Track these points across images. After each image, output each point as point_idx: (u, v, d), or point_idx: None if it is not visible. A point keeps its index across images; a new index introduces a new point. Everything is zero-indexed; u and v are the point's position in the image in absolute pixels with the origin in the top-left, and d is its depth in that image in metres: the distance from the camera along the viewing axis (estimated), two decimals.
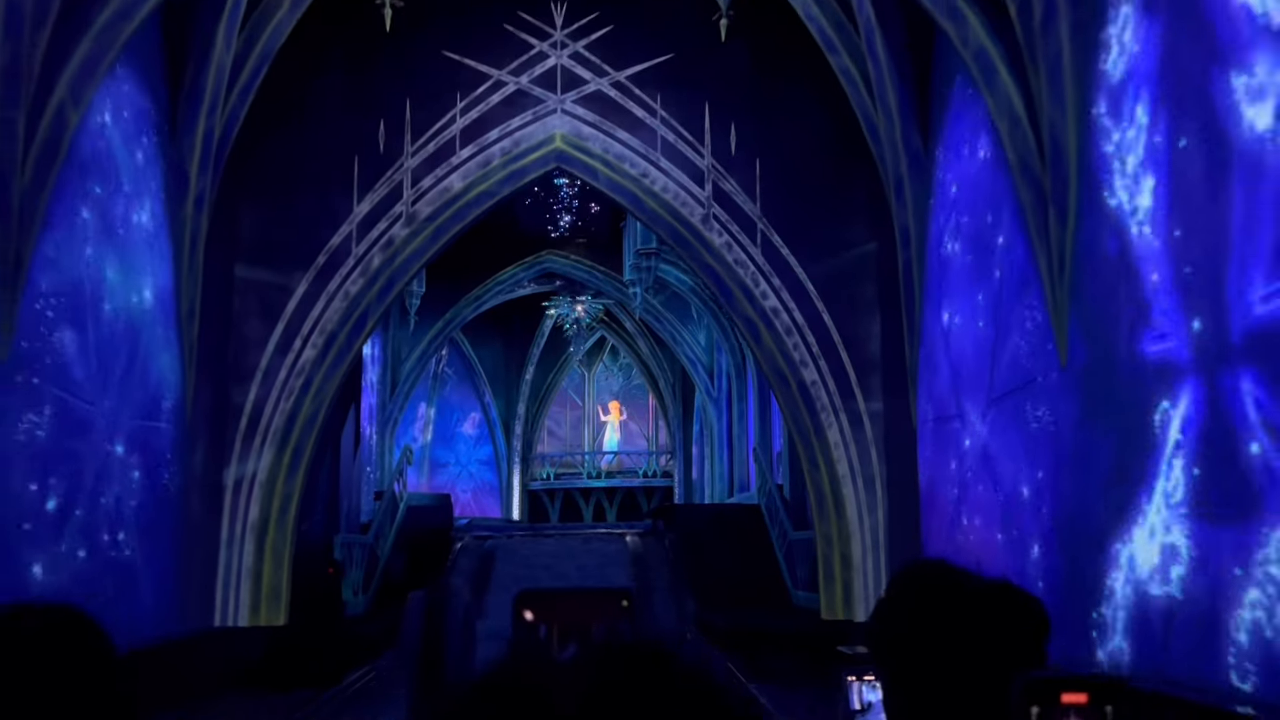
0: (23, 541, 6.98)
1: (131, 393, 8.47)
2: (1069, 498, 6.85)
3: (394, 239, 10.92)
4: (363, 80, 10.97)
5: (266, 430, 10.60)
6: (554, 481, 25.73)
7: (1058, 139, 6.80)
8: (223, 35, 9.05)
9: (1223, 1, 5.08)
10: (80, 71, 7.15)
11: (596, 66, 11.21)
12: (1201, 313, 5.30)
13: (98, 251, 7.90)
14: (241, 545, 10.39)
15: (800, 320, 11.02)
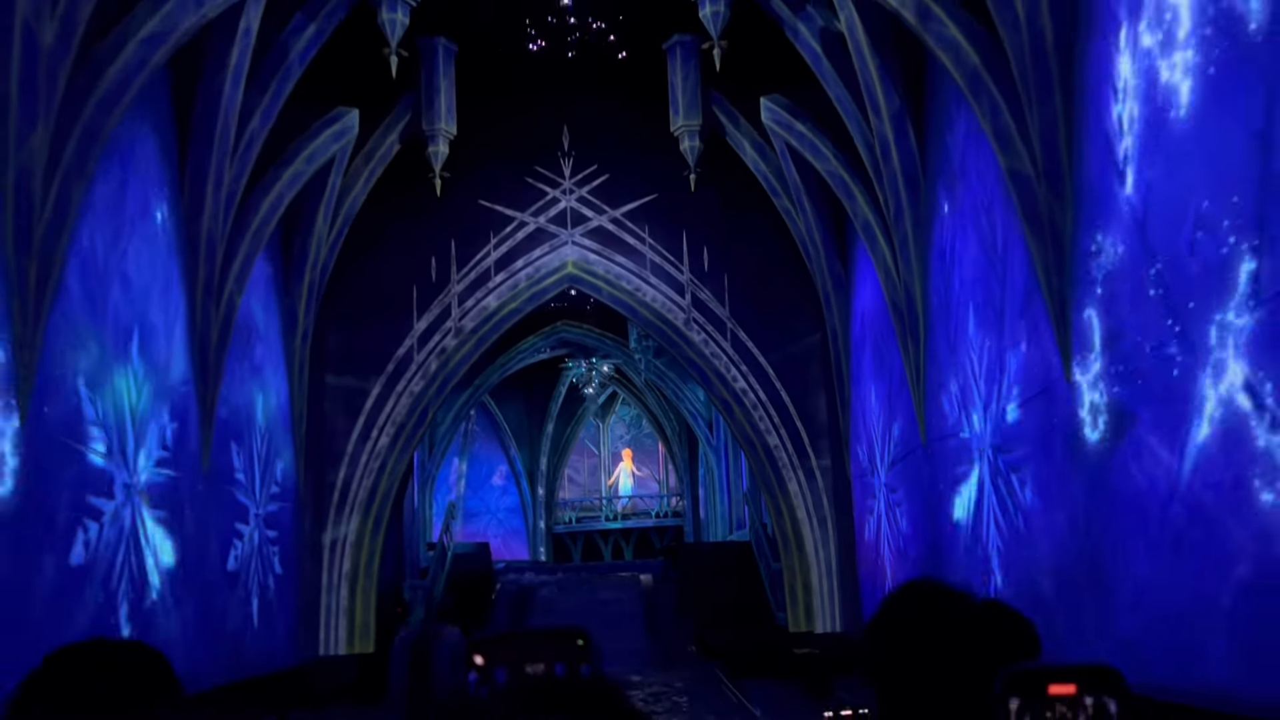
0: (214, 591, 10.42)
1: (269, 482, 11.95)
2: (928, 533, 10.22)
3: (446, 348, 14.40)
4: (418, 226, 14.47)
5: (354, 501, 14.03)
6: (575, 525, 29.07)
7: (909, 290, 10.23)
8: (321, 214, 12.61)
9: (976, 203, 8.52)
10: (241, 270, 10.68)
11: (597, 206, 14.71)
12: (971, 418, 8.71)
13: (248, 386, 11.41)
14: (338, 591, 13.80)
15: (764, 397, 14.41)
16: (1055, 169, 7.09)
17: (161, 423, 9.17)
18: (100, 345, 8.17)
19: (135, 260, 8.78)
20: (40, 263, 7.12)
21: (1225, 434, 5.21)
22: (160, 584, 9.00)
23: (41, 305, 7.14)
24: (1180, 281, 5.62)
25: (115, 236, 8.41)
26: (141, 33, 8.08)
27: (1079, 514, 7.00)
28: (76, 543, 7.68)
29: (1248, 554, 5.03)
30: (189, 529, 9.68)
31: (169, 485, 9.29)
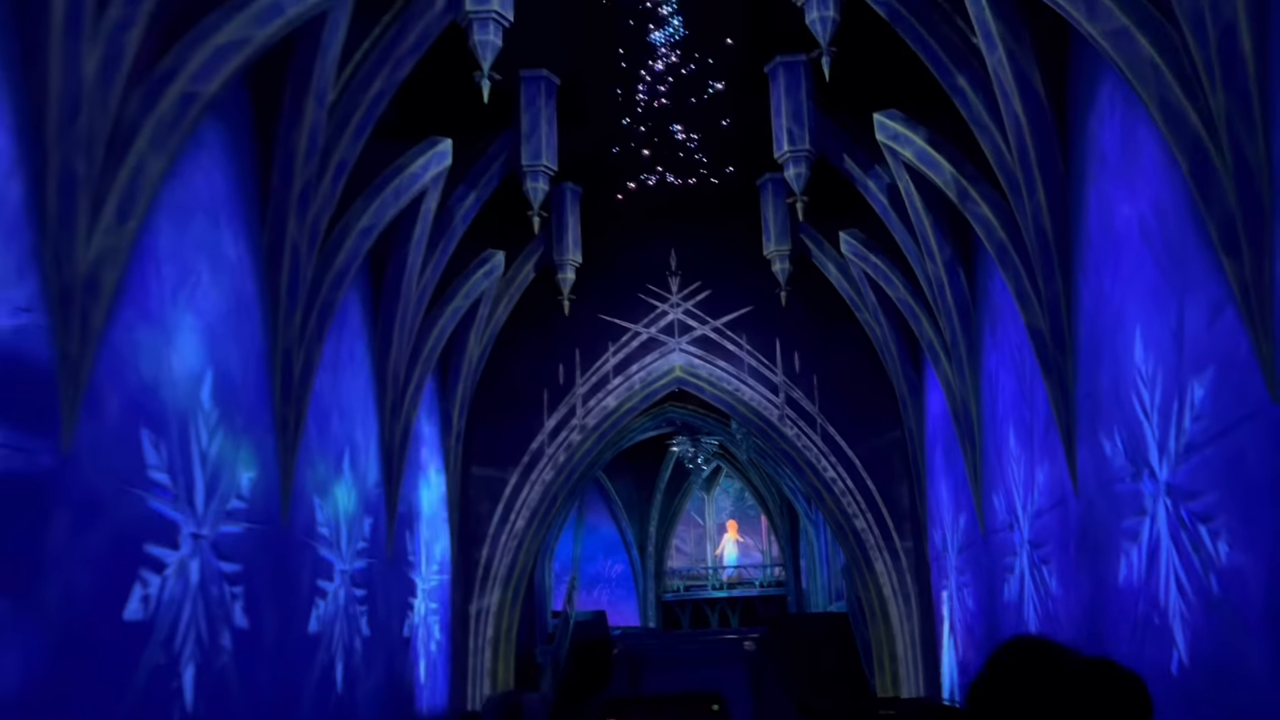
0: (394, 654, 13.04)
1: (434, 563, 14.63)
2: (988, 612, 12.25)
3: (572, 443, 16.99)
4: (548, 337, 17.17)
5: (495, 576, 16.63)
6: (684, 593, 31.27)
7: (965, 404, 12.39)
8: (473, 337, 15.41)
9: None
10: (415, 391, 13.47)
11: (701, 318, 17.21)
12: (1016, 517, 10.81)
13: (417, 482, 14.15)
14: (483, 654, 16.36)
15: (851, 485, 16.57)
16: (1059, 327, 9.29)
17: (363, 520, 11.91)
18: (325, 463, 10.95)
19: (346, 394, 11.60)
20: (295, 409, 9.92)
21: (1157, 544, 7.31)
22: (361, 648, 11.66)
23: (295, 440, 9.92)
24: (1135, 426, 7.77)
25: (334, 379, 11.23)
26: (359, 225, 10.95)
27: (1086, 602, 9.06)
28: (311, 617, 10.37)
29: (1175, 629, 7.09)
30: (378, 603, 12.36)
31: (367, 569, 12.00)
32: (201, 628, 7.98)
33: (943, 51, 9.86)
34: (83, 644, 6.54)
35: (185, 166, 7.97)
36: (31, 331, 6.22)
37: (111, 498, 6.95)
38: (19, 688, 5.82)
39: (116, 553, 6.93)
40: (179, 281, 7.97)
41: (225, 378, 8.60)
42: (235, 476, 8.77)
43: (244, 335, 9.05)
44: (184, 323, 8.02)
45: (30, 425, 6.13)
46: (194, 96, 7.56)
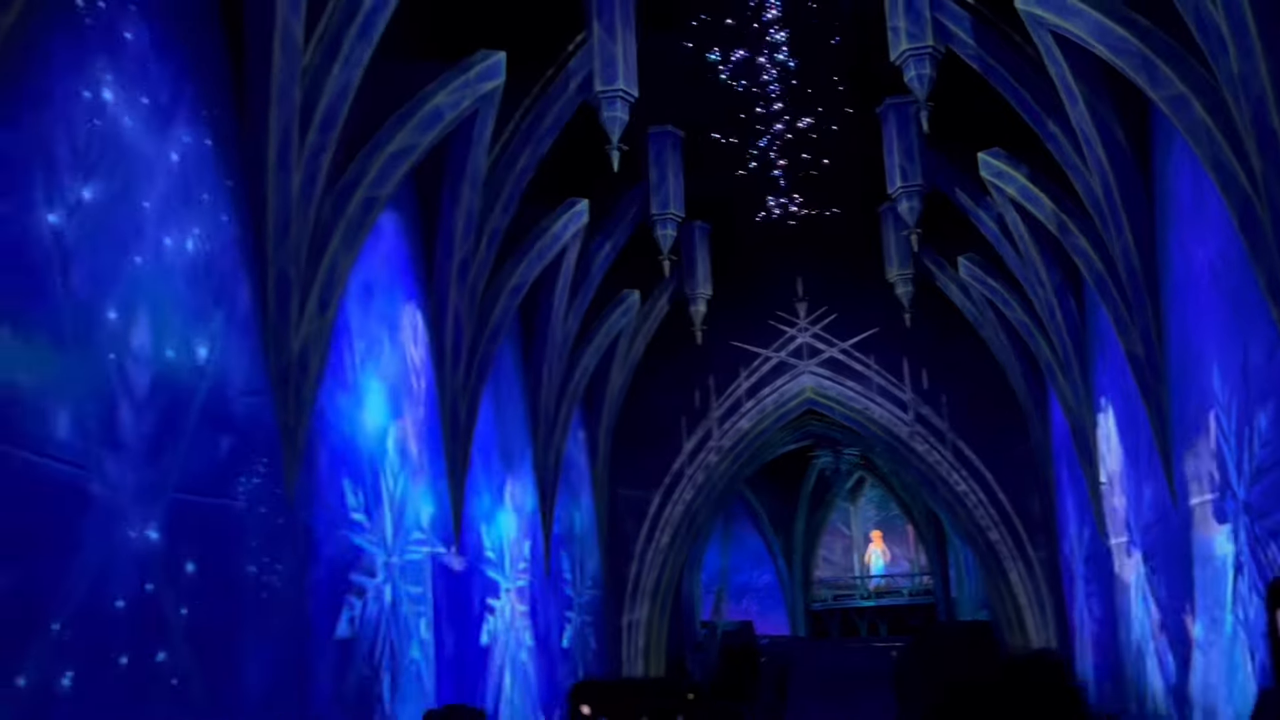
0: (555, 662, 14.54)
1: (587, 578, 16.12)
2: (1110, 620, 12.87)
3: (710, 464, 18.24)
4: (682, 366, 18.46)
5: (643, 590, 18.01)
6: (832, 602, 32.02)
7: (1081, 421, 13.06)
8: (614, 370, 16.85)
9: None
10: (564, 424, 14.97)
11: (829, 340, 18.21)
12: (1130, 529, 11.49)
13: (569, 506, 15.67)
14: (636, 662, 17.74)
15: (984, 498, 17.26)
16: (1152, 354, 10.00)
17: (523, 543, 13.45)
18: (489, 495, 12.52)
19: (504, 432, 13.17)
20: (462, 450, 11.50)
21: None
22: (526, 658, 13.19)
23: (462, 477, 11.49)
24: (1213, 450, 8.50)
25: (495, 421, 12.80)
26: (510, 284, 12.49)
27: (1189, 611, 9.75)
28: (483, 630, 11.93)
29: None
30: (540, 617, 13.88)
31: (528, 587, 13.53)
32: (395, 643, 9.58)
33: (1033, 100, 10.69)
34: (306, 657, 8.16)
35: (366, 255, 9.60)
36: (260, 407, 7.88)
37: (324, 536, 8.59)
38: (263, 696, 7.45)
39: (330, 582, 8.56)
40: (366, 352, 9.61)
41: (406, 429, 10.22)
42: (416, 512, 10.38)
43: (419, 392, 10.66)
44: (371, 386, 9.66)
45: (264, 481, 7.78)
46: (374, 200, 9.18)
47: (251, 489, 7.60)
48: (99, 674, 5.88)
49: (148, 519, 6.44)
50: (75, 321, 6.06)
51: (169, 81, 7.07)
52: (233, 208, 7.72)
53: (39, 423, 5.71)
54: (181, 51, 7.20)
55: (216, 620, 6.98)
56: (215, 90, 7.59)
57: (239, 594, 7.32)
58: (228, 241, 7.60)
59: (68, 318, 6.00)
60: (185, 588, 6.71)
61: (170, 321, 6.88)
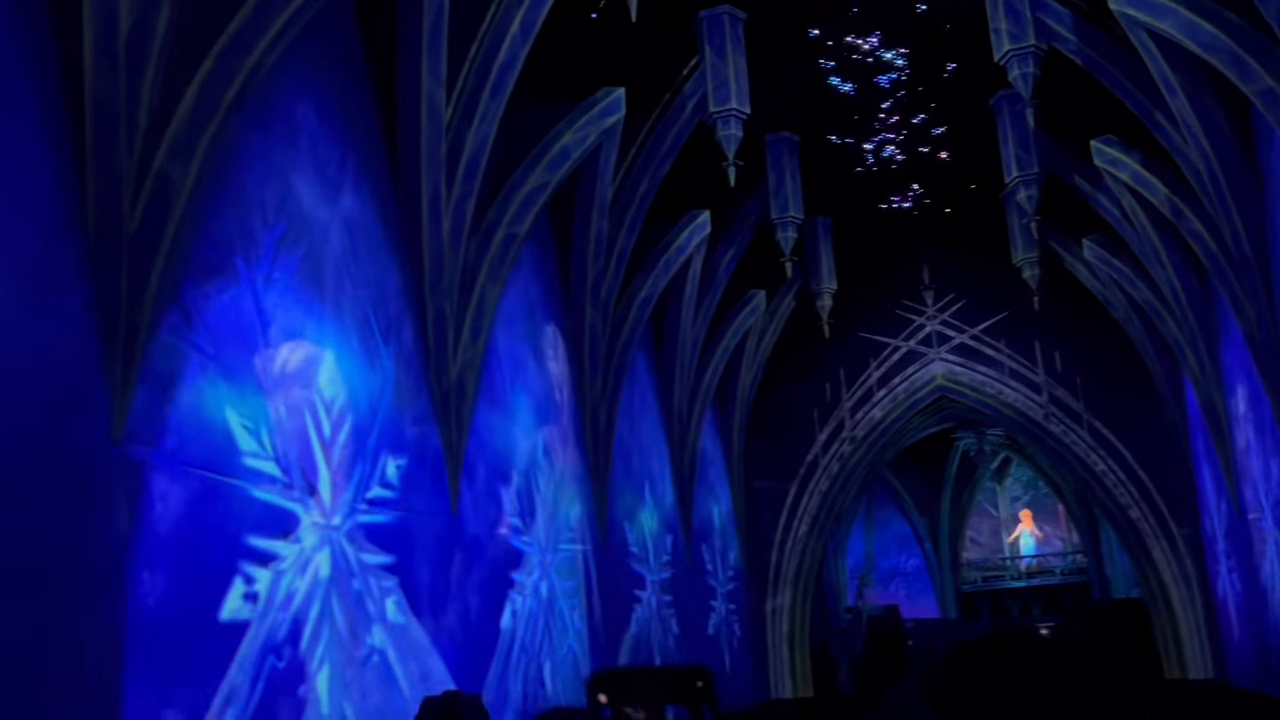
0: (703, 648, 15.52)
1: (728, 568, 17.06)
2: (1250, 598, 13.04)
3: (844, 454, 18.90)
4: (811, 359, 19.16)
5: (784, 577, 18.83)
6: (982, 584, 32.07)
7: (1212, 401, 13.23)
8: (744, 368, 17.69)
9: None
10: (698, 422, 15.92)
11: (957, 327, 18.60)
12: (1260, 505, 11.72)
13: (707, 499, 16.63)
14: (781, 649, 18.60)
15: (1123, 477, 17.41)
16: (1267, 335, 10.27)
17: (664, 537, 14.48)
18: (630, 494, 13.59)
19: (643, 434, 14.21)
20: (603, 454, 12.58)
21: None
22: (672, 644, 14.22)
23: (605, 479, 12.58)
24: None
25: (632, 424, 13.85)
26: (640, 297, 13.50)
27: None
28: (632, 620, 13.01)
29: None
30: (684, 607, 14.89)
31: (671, 578, 14.56)
32: (552, 631, 10.73)
33: (1138, 91, 11.04)
34: (478, 648, 9.36)
35: (510, 285, 10.74)
36: (426, 429, 9.09)
37: (485, 541, 9.78)
38: (433, 683, 8.65)
39: (493, 581, 9.75)
40: (514, 372, 10.77)
41: (552, 438, 11.35)
42: (566, 513, 11.51)
43: (561, 403, 11.79)
44: (520, 402, 10.81)
45: (434, 495, 8.99)
46: (513, 236, 10.31)
47: (424, 501, 8.82)
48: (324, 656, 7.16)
49: (341, 534, 7.70)
50: (275, 367, 7.33)
51: (336, 155, 8.31)
52: (394, 258, 8.94)
53: (250, 456, 6.98)
54: (344, 128, 8.43)
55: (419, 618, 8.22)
56: (373, 157, 8.81)
57: (419, 594, 8.53)
58: (392, 288, 8.82)
59: (270, 364, 7.28)
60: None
61: (350, 362, 8.13)
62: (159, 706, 6.07)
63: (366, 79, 8.85)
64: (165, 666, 6.09)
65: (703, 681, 3.79)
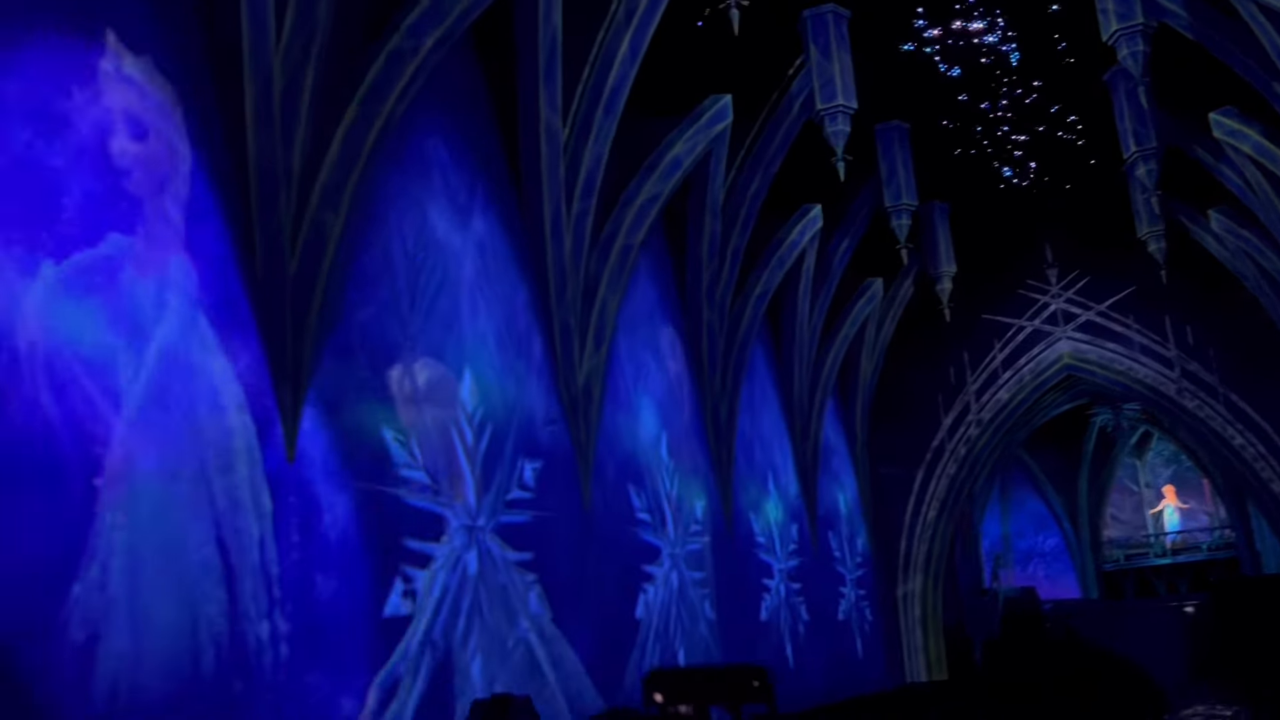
0: (833, 635, 15.92)
1: (856, 555, 17.41)
2: None
3: (970, 437, 18.98)
4: (933, 344, 19.26)
5: (915, 563, 19.04)
6: (1124, 563, 31.42)
7: None
8: (864, 355, 17.97)
9: None
10: (819, 412, 16.30)
11: (1083, 304, 18.46)
12: None
13: (831, 488, 17.00)
14: (914, 633, 18.83)
15: (1263, 450, 17.05)
16: None
17: (790, 526, 14.95)
18: (754, 485, 14.10)
19: (762, 427, 14.70)
20: (725, 448, 13.11)
21: None
22: (803, 630, 14.68)
23: (728, 472, 13.11)
24: None
25: (753, 418, 14.35)
26: (755, 293, 13.98)
27: None
28: (762, 606, 13.52)
29: None
30: (813, 593, 15.33)
31: (799, 566, 15.01)
32: (685, 620, 11.34)
33: (1254, 63, 10.97)
34: (613, 636, 10.04)
35: (628, 293, 11.36)
36: (558, 433, 9.80)
37: (615, 535, 10.45)
38: (589, 664, 9.36)
39: (625, 573, 10.42)
40: (635, 375, 11.40)
41: (675, 436, 11.95)
42: (691, 506, 12.10)
43: (682, 402, 12.38)
44: (643, 403, 11.44)
45: (567, 495, 9.69)
46: (630, 247, 10.92)
47: (558, 501, 9.53)
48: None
49: (486, 533, 8.45)
50: (422, 386, 8.11)
51: (465, 185, 9.05)
52: (521, 275, 9.65)
53: (403, 466, 7.77)
54: (471, 159, 9.17)
55: (559, 610, 8.95)
56: (499, 183, 9.54)
57: (557, 587, 9.25)
58: (521, 304, 9.55)
59: (417, 383, 8.06)
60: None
61: (487, 375, 8.87)
62: (335, 694, 6.90)
63: (489, 112, 9.57)
64: (340, 658, 6.91)
65: (759, 681, 3.86)
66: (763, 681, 3.70)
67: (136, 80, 6.08)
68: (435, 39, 8.05)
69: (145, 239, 5.90)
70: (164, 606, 5.59)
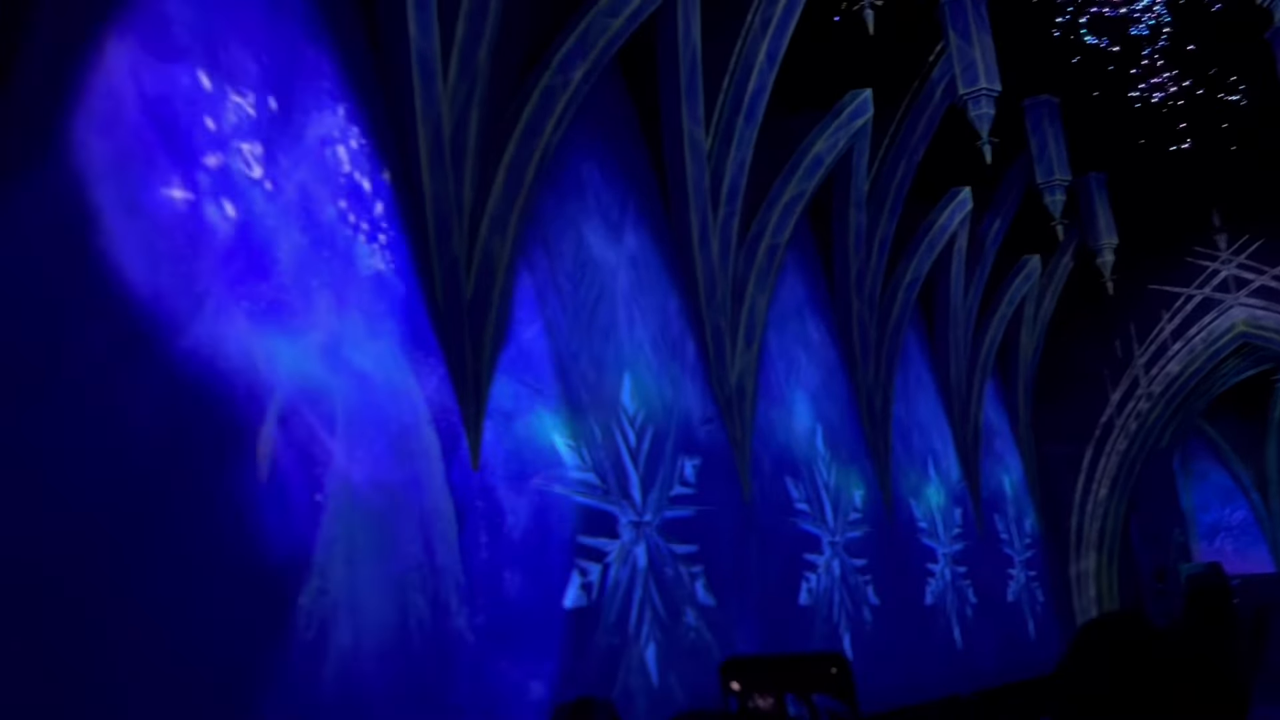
0: (1004, 616, 16.00)
1: (1024, 536, 17.39)
2: None
3: (1140, 411, 18.62)
4: (1096, 318, 18.94)
5: (1087, 542, 18.82)
6: None
7: None
8: (1024, 334, 17.87)
9: None
10: (979, 395, 16.35)
11: (1256, 268, 17.85)
12: None
13: (995, 470, 17.03)
14: (1087, 613, 18.62)
15: None
16: None
17: (953, 510, 15.12)
18: (913, 472, 14.35)
19: (920, 413, 14.91)
20: (881, 435, 13.43)
21: None
22: (971, 614, 14.85)
23: (886, 460, 13.42)
24: None
25: (908, 405, 14.59)
26: (905, 280, 14.20)
27: None
28: (926, 593, 13.78)
29: None
30: (980, 576, 15.47)
31: (964, 550, 15.18)
32: (848, 606, 11.77)
33: None
34: (778, 624, 10.56)
35: (776, 290, 11.82)
36: (715, 431, 10.37)
37: (775, 526, 10.96)
38: (752, 649, 9.91)
39: (787, 562, 10.93)
40: (787, 370, 11.87)
41: (829, 427, 12.37)
42: (850, 495, 12.49)
43: (836, 393, 12.77)
44: (796, 397, 11.90)
45: (727, 489, 10.27)
46: (776, 246, 11.39)
47: (718, 495, 10.11)
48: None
49: (652, 529, 9.11)
50: (586, 394, 8.82)
51: (617, 202, 9.71)
52: (672, 283, 10.26)
53: (574, 469, 8.50)
54: (621, 177, 9.82)
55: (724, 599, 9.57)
56: (647, 198, 10.16)
57: (721, 578, 9.84)
58: (673, 311, 10.16)
59: (582, 392, 8.77)
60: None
61: (645, 380, 9.52)
62: (526, 678, 7.68)
63: (636, 131, 10.20)
64: (529, 647, 7.69)
65: (836, 668, 3.82)
66: (841, 669, 3.59)
67: (335, 136, 6.94)
68: (584, 71, 8.71)
69: (349, 280, 6.76)
70: (377, 605, 6.44)
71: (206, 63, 6.09)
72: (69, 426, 4.92)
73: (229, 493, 5.68)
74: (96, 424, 5.06)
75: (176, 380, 5.50)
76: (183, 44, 5.92)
